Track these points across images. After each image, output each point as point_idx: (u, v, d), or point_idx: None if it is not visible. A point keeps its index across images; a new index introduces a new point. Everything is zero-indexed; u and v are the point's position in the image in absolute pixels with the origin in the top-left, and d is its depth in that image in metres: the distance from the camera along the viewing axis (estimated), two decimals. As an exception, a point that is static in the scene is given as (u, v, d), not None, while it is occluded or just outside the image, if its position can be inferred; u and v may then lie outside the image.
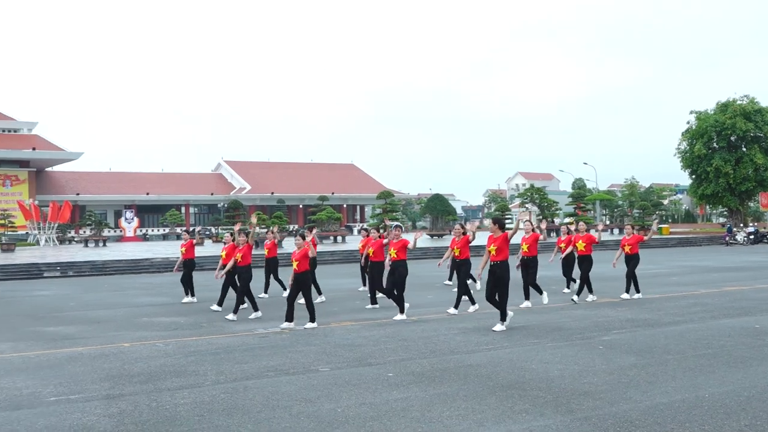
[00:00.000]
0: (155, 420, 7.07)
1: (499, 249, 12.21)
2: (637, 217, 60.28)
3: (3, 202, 69.76)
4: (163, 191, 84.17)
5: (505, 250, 12.23)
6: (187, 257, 17.53)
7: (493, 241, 12.34)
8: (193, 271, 17.66)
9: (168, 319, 14.56)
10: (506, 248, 12.25)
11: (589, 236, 16.45)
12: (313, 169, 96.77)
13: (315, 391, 8.09)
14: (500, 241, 12.25)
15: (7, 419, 7.21)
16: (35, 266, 30.74)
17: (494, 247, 12.25)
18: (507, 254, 12.28)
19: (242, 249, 14.79)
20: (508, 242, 12.27)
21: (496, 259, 12.20)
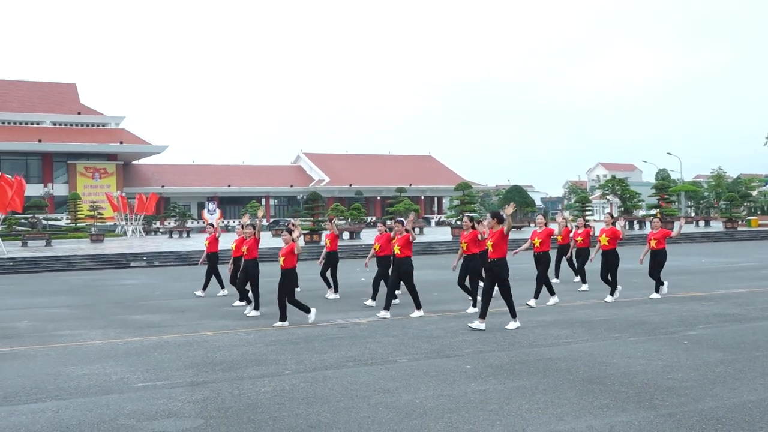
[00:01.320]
0: (237, 407, 7.23)
1: (496, 245, 11.46)
2: (724, 209, 58.39)
3: (92, 194, 72.38)
4: (244, 183, 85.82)
5: (502, 247, 11.48)
6: (210, 251, 17.34)
7: (489, 237, 11.64)
8: (216, 264, 17.44)
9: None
10: (504, 245, 11.50)
11: (613, 230, 15.04)
12: (391, 160, 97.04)
13: (393, 382, 8.13)
14: (496, 237, 11.48)
15: (97, 403, 7.48)
16: (123, 256, 31.76)
17: (490, 243, 11.54)
18: (505, 251, 11.52)
19: (249, 242, 14.23)
20: (505, 238, 11.50)
21: (493, 257, 11.48)
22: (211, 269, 17.37)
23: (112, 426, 6.65)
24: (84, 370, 9.11)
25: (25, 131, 75.72)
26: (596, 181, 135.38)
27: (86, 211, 62.12)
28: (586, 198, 58.82)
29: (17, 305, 16.73)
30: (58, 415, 7.07)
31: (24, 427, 6.69)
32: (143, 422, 6.76)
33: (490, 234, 11.65)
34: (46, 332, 12.40)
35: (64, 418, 6.95)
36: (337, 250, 16.75)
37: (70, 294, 19.19)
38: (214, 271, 17.36)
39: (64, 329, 12.69)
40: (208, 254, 17.43)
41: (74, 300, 17.65)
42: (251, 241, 14.21)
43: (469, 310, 13.71)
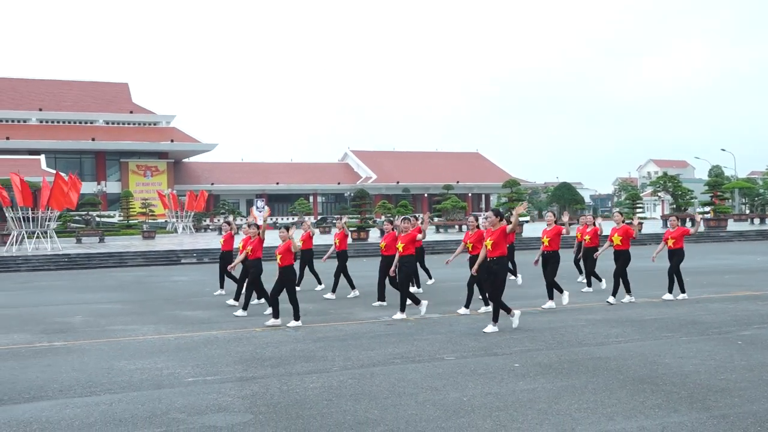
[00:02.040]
0: (286, 403, 7.28)
1: (496, 244, 11.09)
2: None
3: (144, 192, 73.63)
4: (292, 181, 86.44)
5: (502, 245, 11.15)
6: (225, 249, 17.29)
7: (489, 235, 11.25)
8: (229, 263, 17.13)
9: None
10: (503, 243, 11.18)
11: (626, 229, 14.33)
12: (438, 158, 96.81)
13: (441, 380, 8.12)
14: (497, 235, 11.12)
15: (149, 397, 7.61)
16: (173, 253, 32.23)
17: (490, 241, 11.15)
18: (505, 250, 11.22)
19: (253, 242, 13.97)
20: (506, 236, 11.23)
21: (493, 255, 11.12)
22: (222, 268, 17.16)
23: (163, 420, 6.76)
24: (136, 365, 9.28)
25: (79, 130, 77.32)
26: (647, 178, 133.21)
27: (138, 209, 63.22)
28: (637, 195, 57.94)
29: (72, 300, 17.10)
30: (111, 408, 7.21)
31: (79, 419, 6.84)
32: (194, 416, 6.85)
33: (489, 232, 11.37)
34: (99, 327, 12.65)
35: (117, 411, 7.08)
36: (347, 249, 16.55)
37: (122, 290, 19.55)
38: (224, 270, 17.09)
39: (116, 324, 12.94)
40: (222, 252, 17.30)
41: (126, 296, 17.98)
42: (255, 242, 13.98)
43: (481, 309, 13.38)
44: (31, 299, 17.64)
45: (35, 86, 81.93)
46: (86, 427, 6.59)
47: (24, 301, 17.06)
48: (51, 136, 74.56)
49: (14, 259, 29.73)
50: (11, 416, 6.99)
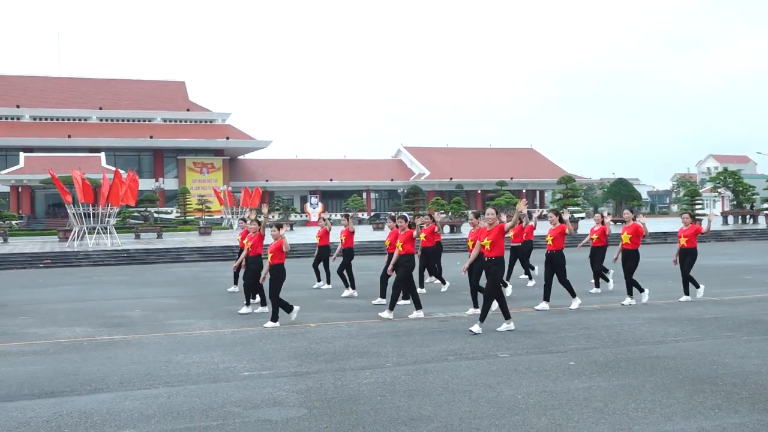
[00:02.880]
0: (340, 398, 7.33)
1: (494, 243, 10.76)
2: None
3: (200, 188, 74.76)
4: (346, 177, 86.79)
5: (500, 244, 10.80)
6: (243, 246, 17.36)
7: (487, 234, 10.89)
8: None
9: (350, 302, 15.01)
10: (502, 242, 10.82)
11: (636, 227, 13.68)
12: (492, 154, 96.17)
13: (495, 377, 8.07)
14: (495, 234, 10.78)
15: (206, 391, 7.73)
16: (229, 248, 32.64)
17: (488, 240, 10.80)
18: (503, 249, 10.88)
19: (253, 238, 13.76)
20: (504, 235, 10.84)
21: (491, 255, 10.79)
22: (325, 263, 17.55)
23: (219, 413, 6.86)
24: (193, 359, 9.43)
25: (137, 128, 78.85)
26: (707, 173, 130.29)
27: (195, 205, 64.25)
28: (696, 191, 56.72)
29: (131, 295, 17.45)
30: (170, 401, 7.34)
31: (138, 411, 6.98)
32: (249, 410, 6.94)
33: (484, 231, 11.04)
34: (158, 321, 12.89)
35: (175, 404, 7.22)
36: (353, 246, 16.37)
37: (179, 285, 19.88)
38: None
39: (174, 319, 13.16)
40: (241, 250, 16.73)
41: (183, 291, 18.28)
42: (255, 238, 13.78)
43: (468, 311, 12.99)
44: (92, 293, 18.06)
45: (96, 86, 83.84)
46: (145, 419, 6.73)
47: (85, 296, 17.48)
48: (111, 134, 76.20)
49: (76, 254, 30.48)
50: (73, 407, 7.18)
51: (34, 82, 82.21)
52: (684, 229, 14.18)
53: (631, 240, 13.70)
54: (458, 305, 13.98)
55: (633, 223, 13.83)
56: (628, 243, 13.73)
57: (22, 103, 77.39)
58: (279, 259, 12.04)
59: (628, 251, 13.72)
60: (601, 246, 15.68)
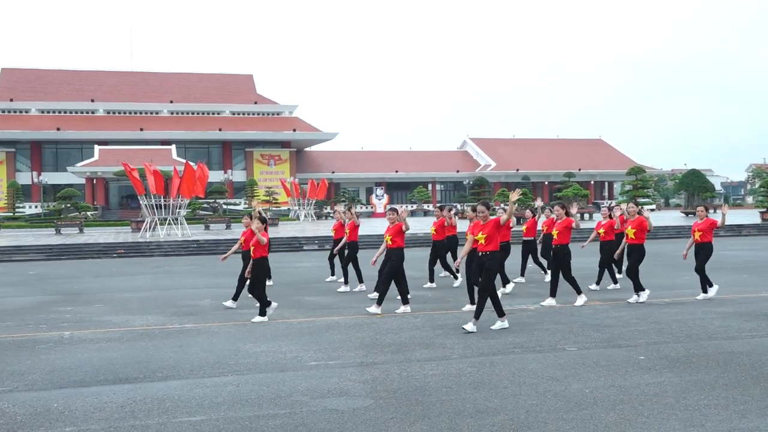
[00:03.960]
0: (406, 389, 7.35)
1: (489, 237, 10.45)
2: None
3: (268, 180, 75.75)
4: (411, 169, 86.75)
5: (495, 239, 10.52)
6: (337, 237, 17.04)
7: (481, 228, 10.59)
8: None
9: (416, 293, 14.99)
10: (497, 236, 10.56)
11: (640, 221, 13.17)
12: (559, 145, 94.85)
13: (562, 370, 7.99)
14: (490, 229, 10.47)
15: (273, 380, 7.85)
16: (296, 240, 33.04)
17: (483, 235, 10.48)
18: (498, 244, 10.61)
19: (246, 233, 13.30)
20: (499, 229, 10.57)
21: (485, 249, 10.48)
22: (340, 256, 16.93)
23: (287, 402, 6.96)
24: (261, 348, 9.58)
25: (206, 121, 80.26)
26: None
27: (262, 196, 65.12)
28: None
29: (201, 284, 17.81)
30: (238, 389, 7.47)
31: (208, 399, 7.13)
32: (316, 399, 7.02)
33: (478, 225, 10.72)
34: (227, 311, 13.12)
35: (244, 392, 7.34)
36: (357, 240, 16.04)
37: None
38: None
39: (242, 308, 13.37)
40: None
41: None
42: (248, 232, 13.22)
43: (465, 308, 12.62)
44: (163, 283, 18.50)
45: (167, 80, 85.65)
46: (215, 406, 6.87)
47: (157, 285, 17.90)
48: (181, 126, 77.74)
49: (148, 244, 31.24)
50: (146, 393, 7.37)
51: (108, 77, 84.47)
52: (698, 223, 13.60)
53: (636, 235, 13.18)
54: (525, 297, 13.87)
55: (638, 217, 13.30)
56: (632, 238, 13.23)
57: (97, 98, 79.59)
58: (262, 253, 11.94)
59: (633, 246, 13.22)
60: (608, 241, 15.21)
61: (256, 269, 11.95)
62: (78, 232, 41.57)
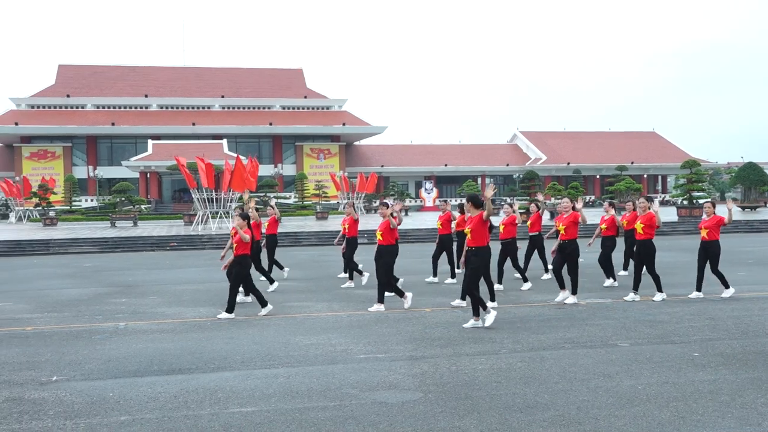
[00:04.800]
0: (455, 383, 7.33)
1: (474, 232, 10.28)
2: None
3: (317, 174, 76.19)
4: (460, 163, 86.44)
5: (481, 234, 10.29)
6: (270, 232, 17.32)
7: (468, 223, 10.44)
8: (275, 247, 17.44)
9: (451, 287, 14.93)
10: (484, 231, 10.31)
11: (650, 216, 12.66)
12: (612, 137, 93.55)
13: (614, 366, 7.89)
14: (475, 224, 10.31)
15: (324, 372, 7.90)
16: (345, 233, 33.13)
17: (469, 229, 10.37)
18: (486, 239, 10.36)
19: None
20: (485, 224, 10.31)
21: (471, 245, 10.33)
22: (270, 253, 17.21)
23: (337, 394, 7.00)
24: (311, 340, 9.65)
25: (257, 115, 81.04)
26: None
27: (312, 190, 65.54)
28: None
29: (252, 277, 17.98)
30: (289, 381, 7.54)
31: (259, 390, 7.21)
32: (365, 392, 7.05)
33: (468, 220, 10.55)
34: (277, 303, 13.23)
35: (294, 384, 7.41)
36: (357, 236, 15.85)
37: (297, 268, 20.33)
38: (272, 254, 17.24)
39: (292, 301, 13.49)
40: (268, 236, 17.24)
41: (301, 274, 18.71)
42: None
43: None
44: (215, 275, 18.72)
45: (218, 75, 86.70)
46: (266, 397, 6.95)
47: (209, 277, 18.14)
48: (232, 121, 78.65)
49: (200, 237, 31.70)
50: (199, 384, 7.49)
51: (161, 73, 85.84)
52: (705, 220, 12.95)
53: (644, 230, 12.71)
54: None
55: (648, 212, 12.81)
56: (641, 234, 12.75)
57: (151, 93, 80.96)
58: (244, 250, 11.87)
59: (641, 242, 12.78)
60: (610, 236, 14.87)
61: (239, 267, 11.84)
62: (132, 225, 42.37)
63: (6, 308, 13.39)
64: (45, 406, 6.83)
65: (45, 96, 79.43)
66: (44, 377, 7.93)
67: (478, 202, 10.52)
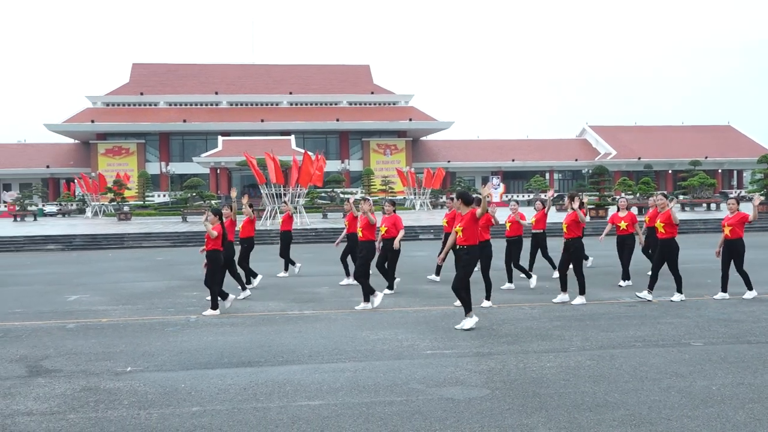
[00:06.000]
0: (522, 380, 7.27)
1: (466, 230, 9.86)
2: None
3: (384, 169, 76.46)
4: (528, 158, 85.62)
5: (473, 232, 9.91)
6: (284, 229, 17.41)
7: (459, 221, 10.00)
8: (290, 243, 17.48)
9: (540, 284, 14.79)
10: (474, 230, 9.92)
11: (668, 214, 12.18)
12: (684, 131, 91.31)
13: (686, 366, 7.71)
14: (467, 221, 9.88)
15: (390, 367, 7.92)
16: (411, 229, 33.12)
17: (460, 227, 9.91)
18: (476, 238, 9.98)
19: (225, 224, 12.93)
20: (476, 222, 9.92)
21: (462, 243, 9.88)
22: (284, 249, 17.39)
23: (403, 389, 7.01)
24: (378, 335, 9.69)
25: (324, 111, 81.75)
26: None
27: (378, 186, 65.82)
28: None
29: (319, 272, 18.15)
30: (356, 375, 7.59)
31: (326, 384, 7.28)
32: (432, 388, 7.04)
33: (459, 217, 10.11)
34: (344, 298, 13.33)
35: (361, 378, 7.45)
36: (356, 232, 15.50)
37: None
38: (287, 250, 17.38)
39: (359, 296, 13.51)
40: (282, 233, 17.51)
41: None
42: (227, 224, 13.36)
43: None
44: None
45: (286, 71, 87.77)
46: (333, 391, 7.01)
47: (277, 272, 18.36)
48: (300, 117, 79.52)
49: (268, 232, 32.11)
50: (268, 377, 7.60)
51: (231, 70, 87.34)
52: (729, 217, 12.37)
53: (666, 229, 12.19)
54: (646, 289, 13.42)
55: (667, 210, 12.35)
56: (662, 233, 12.26)
57: (221, 90, 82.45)
58: (215, 245, 11.92)
59: (664, 241, 12.24)
60: (629, 234, 14.27)
61: (210, 262, 11.86)
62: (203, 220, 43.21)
63: (83, 300, 13.83)
64: (120, 395, 7.03)
65: (119, 94, 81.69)
66: (119, 368, 8.16)
67: (469, 199, 10.15)
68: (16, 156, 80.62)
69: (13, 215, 54.39)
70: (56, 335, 10.21)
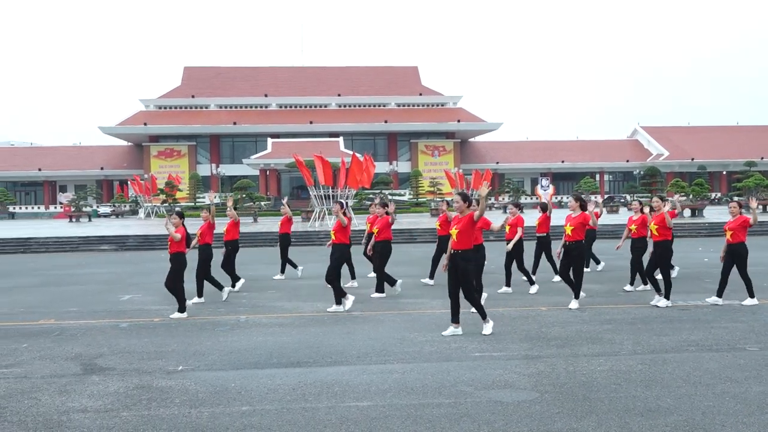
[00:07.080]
0: (572, 384, 7.19)
1: (462, 233, 9.54)
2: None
3: (432, 171, 76.39)
4: (578, 159, 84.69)
5: (470, 236, 9.59)
6: (282, 232, 17.35)
7: (456, 223, 9.70)
8: (288, 246, 17.48)
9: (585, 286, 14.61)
10: (471, 234, 9.60)
11: (662, 217, 11.99)
12: (739, 132, 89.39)
13: (741, 371, 7.54)
14: (464, 224, 9.55)
15: (438, 369, 7.91)
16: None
17: (456, 230, 9.60)
18: (471, 242, 9.62)
19: (203, 227, 13.58)
20: (473, 225, 9.58)
21: (457, 248, 9.54)
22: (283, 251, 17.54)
23: (451, 392, 6.99)
24: (426, 337, 9.68)
25: (373, 113, 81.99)
26: None
27: (426, 187, 65.80)
28: None
29: (366, 273, 18.19)
30: (404, 377, 7.59)
31: (374, 385, 7.29)
32: (480, 390, 7.01)
33: (456, 219, 9.81)
34: (392, 299, 13.34)
35: (409, 380, 7.45)
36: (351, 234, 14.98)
37: (411, 265, 20.47)
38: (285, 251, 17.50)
39: (408, 297, 13.57)
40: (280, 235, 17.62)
41: (415, 270, 18.79)
42: (204, 226, 13.59)
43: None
44: (331, 271, 19.05)
45: (334, 74, 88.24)
46: (381, 392, 7.02)
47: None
48: (348, 119, 79.86)
49: (317, 233, 32.34)
50: (317, 377, 7.65)
51: (280, 73, 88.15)
52: (731, 221, 12.05)
53: (659, 231, 12.05)
54: (701, 293, 13.18)
55: (661, 212, 12.14)
56: (656, 235, 12.10)
57: (270, 93, 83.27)
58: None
59: (657, 243, 12.11)
60: (641, 237, 13.77)
61: (173, 263, 11.82)
62: (252, 221, 43.68)
63: (136, 300, 14.08)
64: (171, 394, 7.14)
65: (171, 97, 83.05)
66: (171, 366, 8.29)
67: (466, 199, 9.87)
68: (71, 158, 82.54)
69: (69, 216, 55.72)
70: (110, 334, 10.41)
